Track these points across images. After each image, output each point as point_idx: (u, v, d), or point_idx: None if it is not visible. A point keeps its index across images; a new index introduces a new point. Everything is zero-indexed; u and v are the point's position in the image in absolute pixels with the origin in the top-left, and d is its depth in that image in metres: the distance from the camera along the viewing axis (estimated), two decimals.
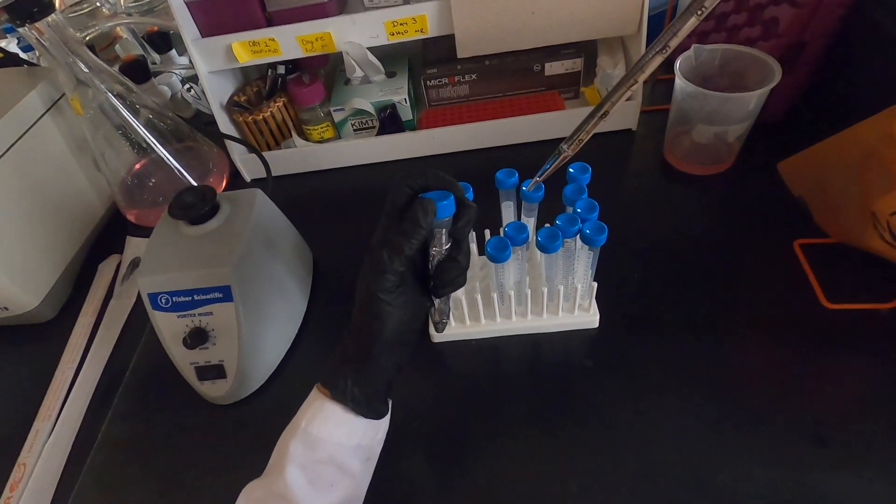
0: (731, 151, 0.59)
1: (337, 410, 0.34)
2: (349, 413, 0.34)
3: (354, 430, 0.34)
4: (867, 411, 0.41)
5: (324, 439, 0.33)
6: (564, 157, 0.40)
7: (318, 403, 0.34)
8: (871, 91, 0.54)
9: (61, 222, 0.62)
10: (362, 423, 0.35)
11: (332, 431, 0.34)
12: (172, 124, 0.65)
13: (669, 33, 0.34)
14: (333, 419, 0.34)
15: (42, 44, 0.53)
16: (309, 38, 0.59)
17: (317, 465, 0.33)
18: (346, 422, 0.34)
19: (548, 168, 0.41)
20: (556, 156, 0.40)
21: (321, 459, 0.33)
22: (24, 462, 0.48)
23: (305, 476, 0.33)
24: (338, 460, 0.34)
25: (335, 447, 0.34)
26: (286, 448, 0.33)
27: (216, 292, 0.45)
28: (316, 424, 0.33)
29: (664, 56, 0.34)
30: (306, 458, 0.33)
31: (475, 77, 0.69)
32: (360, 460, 0.35)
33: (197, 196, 0.47)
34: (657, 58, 0.35)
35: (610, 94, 0.37)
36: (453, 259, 0.35)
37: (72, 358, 0.55)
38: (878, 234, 0.44)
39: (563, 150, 0.40)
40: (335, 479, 0.34)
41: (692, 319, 0.48)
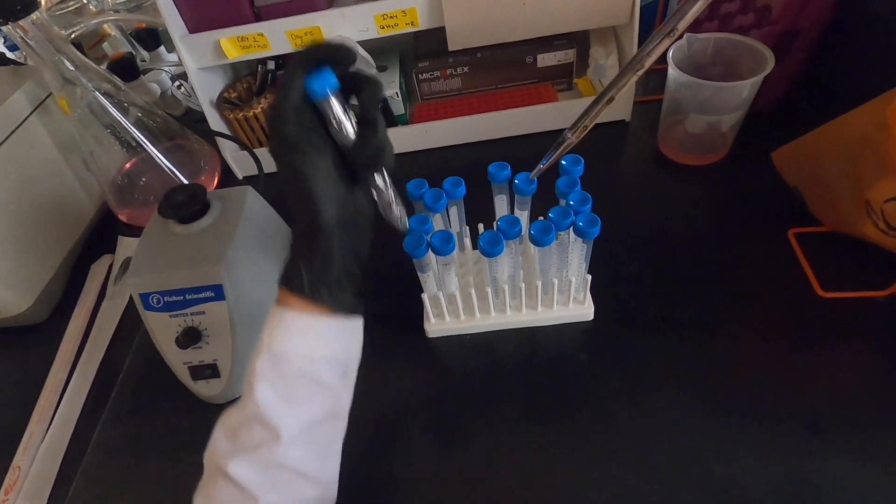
0: (724, 141, 0.59)
1: (299, 319, 0.32)
2: (313, 320, 0.32)
3: (323, 339, 0.32)
4: (862, 399, 0.41)
5: (289, 352, 0.31)
6: (569, 144, 0.39)
7: (278, 316, 0.32)
8: (865, 78, 0.54)
9: (51, 223, 0.62)
10: (331, 332, 0.32)
11: (297, 344, 0.31)
12: (162, 122, 0.65)
13: (678, 16, 0.33)
14: (296, 330, 0.32)
15: (27, 42, 0.52)
16: (298, 33, 0.59)
17: (287, 381, 0.31)
18: (312, 331, 0.32)
19: (552, 156, 0.40)
20: (559, 143, 0.40)
21: (291, 374, 0.31)
22: (19, 465, 0.48)
23: (277, 393, 0.31)
24: (310, 373, 0.32)
25: (304, 360, 0.32)
26: (252, 367, 0.31)
27: (208, 291, 0.45)
28: (279, 339, 0.31)
29: (672, 40, 0.33)
30: (275, 374, 0.31)
31: (467, 70, 0.68)
32: (335, 373, 0.33)
33: (187, 194, 0.46)
34: (665, 41, 0.34)
35: (616, 80, 0.36)
36: (362, 136, 0.32)
37: (65, 360, 0.55)
38: (872, 221, 0.44)
39: (568, 137, 0.39)
40: (310, 393, 0.32)
41: (687, 310, 0.48)
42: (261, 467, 0.31)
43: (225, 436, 0.32)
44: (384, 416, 0.46)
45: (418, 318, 0.50)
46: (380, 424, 0.45)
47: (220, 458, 0.31)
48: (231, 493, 0.30)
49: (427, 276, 0.44)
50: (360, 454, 0.43)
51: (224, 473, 0.30)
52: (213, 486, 0.31)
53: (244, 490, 0.30)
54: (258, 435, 0.31)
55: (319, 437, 0.33)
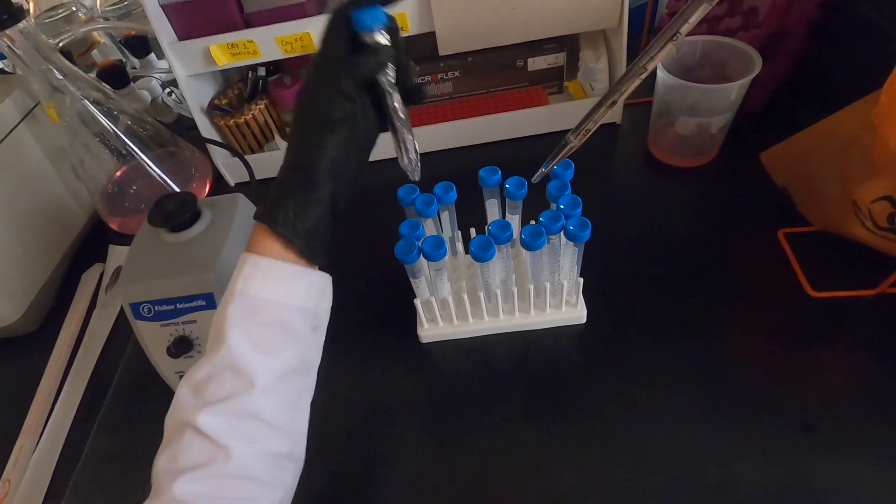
0: (714, 143, 0.59)
1: (274, 266, 0.31)
2: (287, 268, 0.31)
3: (296, 288, 0.32)
4: (853, 398, 0.41)
5: (264, 299, 0.31)
6: (571, 148, 0.40)
7: (252, 263, 0.31)
8: (852, 79, 0.54)
9: (41, 232, 0.61)
10: (304, 283, 0.32)
11: (272, 290, 0.31)
12: (153, 130, 0.64)
13: (681, 20, 0.33)
14: (272, 277, 0.31)
15: (14, 51, 0.52)
16: (288, 39, 0.59)
17: (261, 328, 0.31)
18: (286, 279, 0.32)
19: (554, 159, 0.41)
20: (562, 146, 0.40)
21: (265, 321, 0.31)
22: (10, 478, 0.47)
23: (250, 340, 0.30)
24: (283, 321, 0.31)
25: (277, 307, 0.31)
26: (224, 315, 0.30)
27: (199, 300, 0.44)
28: (253, 284, 0.31)
29: (675, 42, 0.34)
30: (248, 320, 0.30)
31: (458, 74, 0.68)
32: (307, 325, 0.33)
33: (177, 203, 0.46)
34: (668, 46, 0.34)
35: (619, 84, 0.37)
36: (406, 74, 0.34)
37: (56, 370, 0.55)
38: (859, 221, 0.44)
39: (570, 140, 0.39)
40: (282, 341, 0.31)
41: (679, 312, 0.48)
42: (233, 417, 0.29)
43: (191, 391, 0.30)
44: (378, 421, 0.45)
45: (411, 323, 0.50)
46: (374, 429, 0.45)
47: (187, 414, 0.29)
48: (201, 446, 0.29)
49: (419, 281, 0.44)
50: (355, 459, 0.43)
51: (193, 427, 0.29)
52: (178, 442, 0.29)
53: (215, 441, 0.29)
54: (230, 384, 0.30)
55: (290, 389, 0.32)
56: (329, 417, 0.37)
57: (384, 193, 0.49)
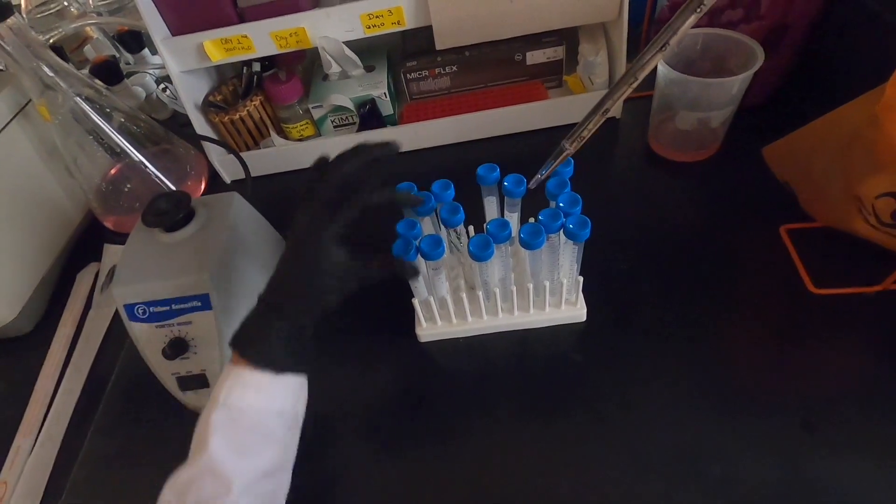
0: (715, 137, 0.59)
1: (255, 377, 0.34)
2: (267, 377, 0.34)
3: (275, 395, 0.35)
4: (854, 395, 0.41)
5: (244, 408, 0.34)
6: (566, 155, 0.40)
7: (235, 375, 0.34)
8: (856, 72, 0.54)
9: (35, 232, 0.60)
10: (281, 389, 0.35)
11: (251, 399, 0.34)
12: (147, 127, 0.63)
13: (669, 31, 0.34)
14: (252, 387, 0.34)
15: (4, 48, 0.51)
16: (282, 34, 0.58)
17: (240, 434, 0.33)
18: (265, 387, 0.34)
19: (550, 166, 0.41)
20: (557, 153, 0.40)
21: (245, 427, 0.33)
22: (6, 480, 0.47)
23: (230, 446, 0.33)
24: (262, 426, 0.34)
25: (257, 413, 0.34)
26: (207, 422, 0.33)
27: (195, 301, 0.44)
28: (235, 395, 0.34)
29: (664, 53, 0.35)
30: (228, 427, 0.33)
31: (456, 69, 0.68)
32: (284, 426, 0.35)
33: (171, 202, 0.46)
34: (657, 55, 0.35)
35: (611, 92, 0.37)
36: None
37: (51, 371, 0.54)
38: (862, 217, 0.44)
39: (565, 147, 0.39)
40: (260, 445, 0.34)
41: (679, 309, 0.48)
42: None
43: (174, 495, 0.32)
44: (377, 420, 0.45)
45: (410, 322, 0.49)
46: (373, 429, 0.45)
47: None
48: None
49: (417, 280, 0.44)
50: (353, 458, 0.43)
51: None
52: None
53: None
54: (209, 488, 0.32)
55: (266, 490, 0.34)
56: (328, 417, 0.36)
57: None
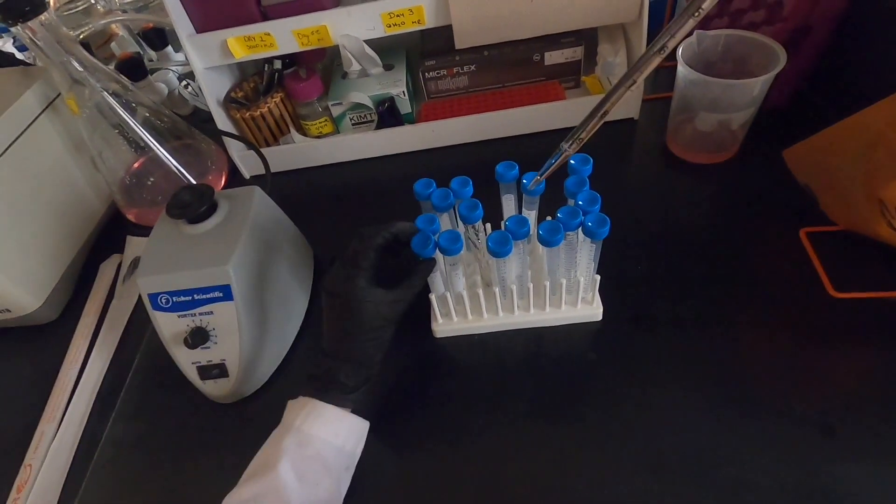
0: (735, 139, 0.58)
1: (326, 410, 0.37)
2: (337, 413, 0.38)
3: (339, 430, 0.38)
4: (874, 401, 0.40)
5: (314, 436, 0.36)
6: (566, 157, 0.40)
7: (311, 405, 0.37)
8: (879, 75, 0.53)
9: (61, 223, 0.62)
10: (345, 425, 0.38)
11: (321, 429, 0.37)
12: (170, 122, 0.65)
13: (667, 34, 0.34)
14: (325, 418, 0.37)
15: (36, 43, 0.53)
16: (305, 32, 0.59)
17: (306, 461, 0.36)
18: (335, 421, 0.37)
19: (550, 165, 0.41)
20: (557, 154, 0.40)
21: (310, 455, 0.36)
22: (30, 463, 0.48)
23: (295, 471, 0.35)
24: (324, 459, 0.36)
25: (323, 444, 0.36)
26: (279, 445, 0.36)
27: (216, 291, 0.45)
28: (309, 422, 0.37)
29: (662, 56, 0.35)
30: (298, 453, 0.35)
31: (474, 68, 0.68)
32: (341, 464, 0.38)
33: (194, 195, 0.47)
34: (655, 58, 0.35)
35: (609, 94, 0.37)
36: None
37: (75, 359, 0.55)
38: (885, 221, 0.43)
39: (564, 148, 0.39)
40: (320, 477, 0.36)
41: (697, 310, 0.47)
42: None
43: None
44: (391, 416, 0.46)
45: (426, 318, 0.50)
46: (387, 424, 0.45)
47: None
48: None
49: (434, 275, 0.44)
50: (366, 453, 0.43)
51: None
52: None
53: None
54: None
55: None
56: None
57: (400, 187, 0.49)
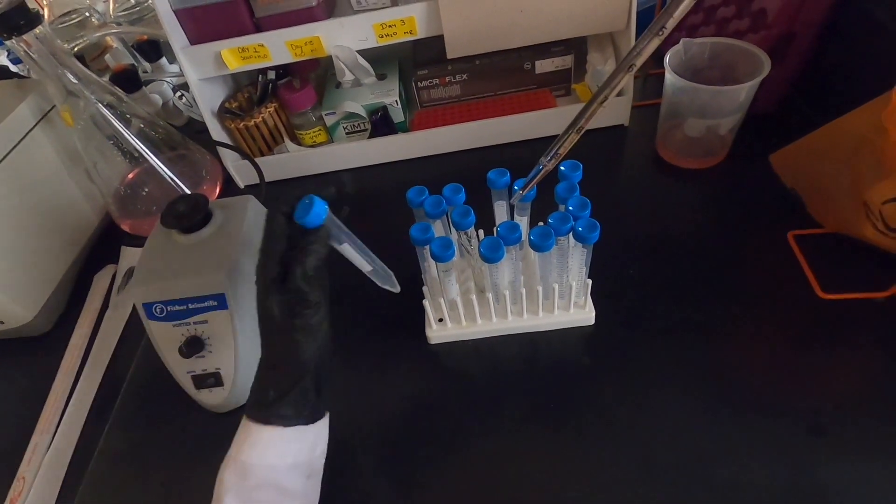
0: (723, 144, 0.59)
1: (264, 433, 0.33)
2: (276, 432, 0.33)
3: (285, 450, 0.34)
4: (864, 400, 0.41)
5: (254, 465, 0.33)
6: (546, 171, 0.41)
7: (246, 429, 0.34)
8: (862, 80, 0.54)
9: (55, 234, 0.62)
10: (292, 442, 0.34)
11: (261, 455, 0.33)
12: (164, 133, 0.65)
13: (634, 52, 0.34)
14: (261, 443, 0.33)
15: (30, 56, 0.53)
16: (298, 43, 0.59)
17: (251, 493, 0.33)
18: (276, 443, 0.34)
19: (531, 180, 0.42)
20: (537, 168, 0.41)
21: (255, 485, 0.33)
22: (24, 476, 0.48)
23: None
24: (274, 483, 0.33)
25: (268, 470, 0.33)
26: (221, 481, 0.33)
27: (211, 300, 0.45)
28: (245, 451, 0.33)
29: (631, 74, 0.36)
30: (240, 487, 0.33)
31: (466, 77, 0.69)
32: (300, 479, 0.35)
33: (189, 204, 0.47)
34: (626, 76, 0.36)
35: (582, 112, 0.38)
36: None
37: (69, 370, 0.55)
38: (870, 223, 0.44)
39: (543, 163, 0.41)
40: (275, 502, 0.33)
41: (688, 314, 0.48)
42: None
43: None
44: (386, 422, 0.46)
45: (420, 324, 0.50)
46: (382, 431, 0.45)
47: None
48: None
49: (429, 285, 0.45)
50: (363, 461, 0.43)
51: None
52: None
53: None
54: None
55: None
56: (337, 419, 0.37)
57: (393, 195, 0.50)
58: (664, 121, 0.61)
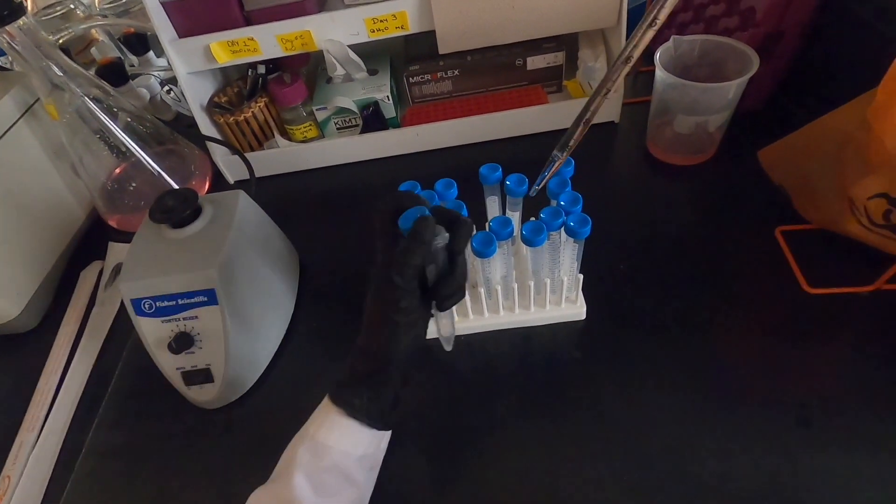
0: (712, 141, 0.60)
1: (345, 421, 0.35)
2: (357, 424, 0.35)
3: (360, 440, 0.35)
4: (849, 392, 0.42)
5: (330, 447, 0.34)
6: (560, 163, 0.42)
7: (327, 413, 0.35)
8: (848, 78, 0.55)
9: (40, 230, 0.61)
10: (367, 434, 0.36)
11: (338, 440, 0.35)
12: (152, 127, 0.64)
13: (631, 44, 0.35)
14: (340, 429, 0.35)
15: (14, 48, 0.52)
16: (288, 37, 0.59)
17: (322, 473, 0.34)
18: (354, 432, 0.35)
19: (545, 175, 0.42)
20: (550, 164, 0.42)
21: (326, 467, 0.34)
22: (9, 475, 0.47)
23: (310, 483, 0.33)
24: (342, 469, 0.35)
25: (340, 455, 0.35)
26: (294, 454, 0.34)
27: (201, 296, 0.44)
28: (323, 432, 0.35)
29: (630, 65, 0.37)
30: (312, 465, 0.34)
31: (458, 73, 0.69)
32: (364, 469, 0.36)
33: (178, 199, 0.46)
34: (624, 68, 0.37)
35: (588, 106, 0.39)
36: (452, 273, 0.36)
37: (55, 367, 0.54)
38: (856, 218, 0.45)
39: (557, 156, 0.42)
40: (339, 487, 0.35)
41: (677, 308, 0.48)
42: None
43: None
44: None
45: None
46: None
47: None
48: None
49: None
50: None
51: None
52: None
53: None
54: None
55: None
56: None
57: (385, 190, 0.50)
58: (654, 117, 0.61)
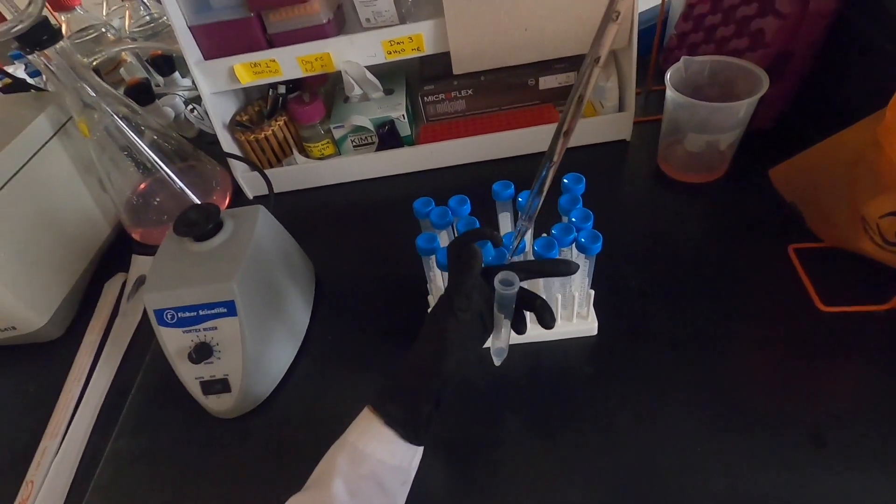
0: (723, 159, 0.60)
1: (383, 430, 0.36)
2: (393, 434, 0.36)
3: (396, 450, 0.36)
4: (865, 412, 0.41)
5: (368, 455, 0.35)
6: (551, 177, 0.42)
7: (367, 422, 0.36)
8: (858, 97, 0.55)
9: (68, 242, 0.63)
10: (402, 446, 0.36)
11: (375, 448, 0.35)
12: (176, 144, 0.67)
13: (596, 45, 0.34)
14: (379, 438, 0.36)
15: (50, 69, 0.55)
16: (308, 59, 0.61)
17: (359, 480, 0.34)
18: (390, 441, 0.36)
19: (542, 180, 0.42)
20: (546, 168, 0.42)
21: (364, 474, 0.35)
22: (32, 480, 0.48)
23: (348, 489, 0.34)
24: (379, 477, 0.35)
25: (378, 464, 0.35)
26: (334, 461, 0.35)
27: (220, 307, 0.46)
28: (363, 440, 0.35)
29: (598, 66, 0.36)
30: (351, 472, 0.35)
31: (471, 92, 0.70)
32: (398, 482, 0.37)
33: (201, 214, 0.48)
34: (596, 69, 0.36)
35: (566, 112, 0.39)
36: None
37: (78, 375, 0.56)
38: (868, 237, 0.45)
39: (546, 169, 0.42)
40: (374, 495, 0.35)
41: (689, 325, 0.49)
42: None
43: None
44: None
45: None
46: None
47: None
48: None
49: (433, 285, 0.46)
50: None
51: None
52: None
53: None
54: None
55: None
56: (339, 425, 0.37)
57: (400, 206, 0.51)
58: (665, 136, 0.62)
